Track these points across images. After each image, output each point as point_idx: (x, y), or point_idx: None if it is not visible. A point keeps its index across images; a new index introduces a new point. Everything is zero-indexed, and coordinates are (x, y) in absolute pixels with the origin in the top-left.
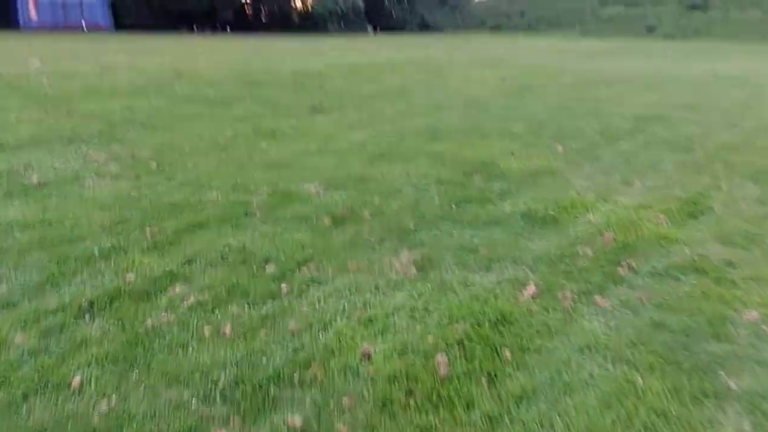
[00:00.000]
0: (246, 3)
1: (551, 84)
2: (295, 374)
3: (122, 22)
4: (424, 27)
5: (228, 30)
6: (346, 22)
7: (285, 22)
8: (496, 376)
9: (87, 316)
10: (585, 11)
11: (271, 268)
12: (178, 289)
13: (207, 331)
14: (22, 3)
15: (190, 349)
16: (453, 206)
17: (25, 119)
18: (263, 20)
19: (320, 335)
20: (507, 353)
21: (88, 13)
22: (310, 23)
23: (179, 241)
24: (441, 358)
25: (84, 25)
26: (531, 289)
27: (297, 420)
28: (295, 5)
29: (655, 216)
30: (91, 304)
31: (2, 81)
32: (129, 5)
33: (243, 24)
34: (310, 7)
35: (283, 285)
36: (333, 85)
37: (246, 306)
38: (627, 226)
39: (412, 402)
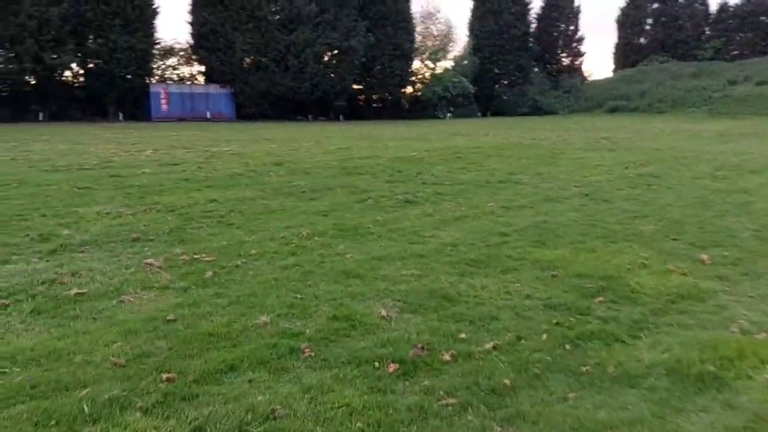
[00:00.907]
0: (358, 91)
1: (684, 171)
2: None
3: (243, 111)
4: (536, 110)
5: (341, 118)
6: (456, 106)
7: (395, 109)
8: None
9: None
10: (712, 91)
11: None
12: None
13: None
14: (155, 96)
15: None
16: (567, 347)
17: (106, 213)
18: (374, 107)
19: None
20: None
21: (212, 103)
22: (419, 108)
23: (195, 396)
24: None
25: (209, 114)
26: None
27: None
28: (405, 91)
29: None
30: None
31: (107, 171)
32: (249, 96)
33: (355, 112)
34: (419, 93)
35: None
36: (431, 172)
37: None
38: None
39: None
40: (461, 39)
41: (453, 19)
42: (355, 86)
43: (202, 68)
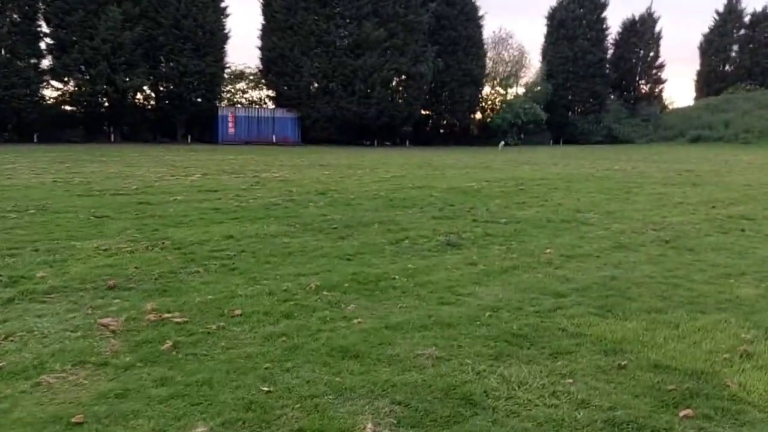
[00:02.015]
0: (426, 117)
1: None
2: None
3: (309, 135)
4: (612, 139)
5: (407, 144)
6: (527, 134)
7: (464, 135)
8: None
9: None
10: None
11: None
12: None
13: None
14: (223, 120)
15: None
16: None
17: (104, 249)
18: (442, 133)
19: None
20: None
21: (278, 127)
22: (489, 135)
23: None
24: None
25: (274, 138)
26: None
27: None
28: (474, 117)
29: None
30: None
31: (139, 197)
32: (315, 120)
33: (423, 137)
34: (489, 119)
35: None
36: (486, 207)
37: None
38: None
39: None
40: (534, 65)
41: (526, 45)
42: (423, 112)
43: (271, 92)
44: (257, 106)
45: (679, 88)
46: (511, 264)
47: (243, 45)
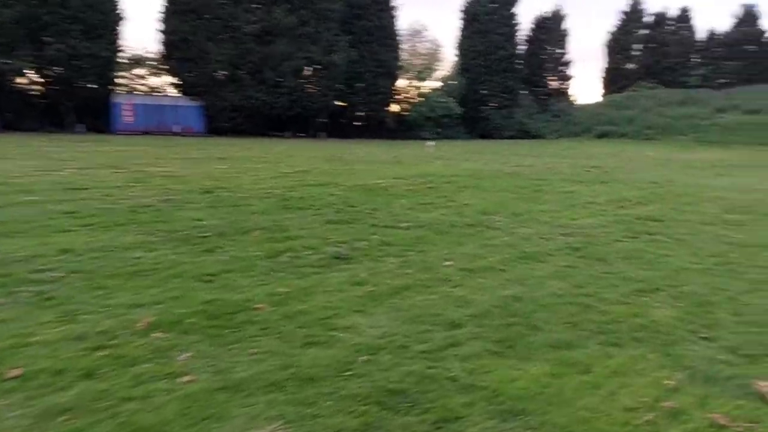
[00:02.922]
0: (340, 108)
1: (689, 213)
2: None
3: (215, 125)
4: (524, 133)
5: (321, 135)
6: (442, 127)
7: (380, 128)
8: None
9: None
10: (700, 119)
11: None
12: None
13: None
14: (118, 108)
15: None
16: None
17: None
18: (358, 126)
19: None
20: None
21: (181, 116)
22: (405, 128)
23: None
24: None
25: (177, 128)
26: None
27: None
28: (390, 110)
29: None
30: None
31: None
32: (221, 109)
33: (338, 129)
34: (405, 112)
35: None
36: (390, 209)
37: None
38: None
39: None
40: (449, 58)
41: (441, 38)
42: (338, 103)
43: (174, 79)
44: (159, 94)
45: (588, 85)
46: (404, 282)
47: (145, 29)
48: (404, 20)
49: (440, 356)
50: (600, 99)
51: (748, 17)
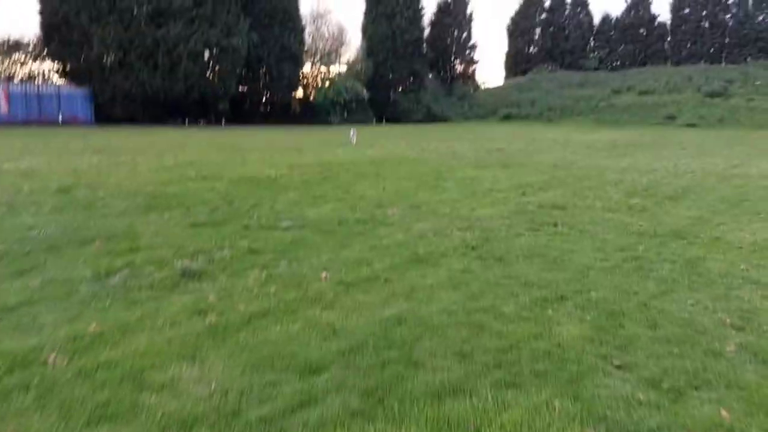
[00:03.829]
0: (243, 94)
1: (592, 199)
2: None
3: (105, 114)
4: (431, 117)
5: (223, 122)
6: (350, 112)
7: (285, 113)
8: None
9: None
10: (598, 100)
11: None
12: None
13: None
14: None
15: None
16: None
17: None
18: (262, 111)
19: None
20: None
21: (65, 105)
22: (312, 113)
23: None
24: None
25: (60, 118)
26: None
27: None
28: (296, 95)
29: None
30: None
31: None
32: (111, 97)
33: (241, 115)
34: (311, 98)
35: None
36: (273, 204)
37: None
38: None
39: None
40: (354, 42)
41: (345, 22)
42: (240, 88)
43: (56, 65)
44: (40, 82)
45: (493, 68)
46: (261, 307)
47: (23, 10)
48: (307, 2)
49: (282, 427)
50: (504, 82)
51: (641, 2)
